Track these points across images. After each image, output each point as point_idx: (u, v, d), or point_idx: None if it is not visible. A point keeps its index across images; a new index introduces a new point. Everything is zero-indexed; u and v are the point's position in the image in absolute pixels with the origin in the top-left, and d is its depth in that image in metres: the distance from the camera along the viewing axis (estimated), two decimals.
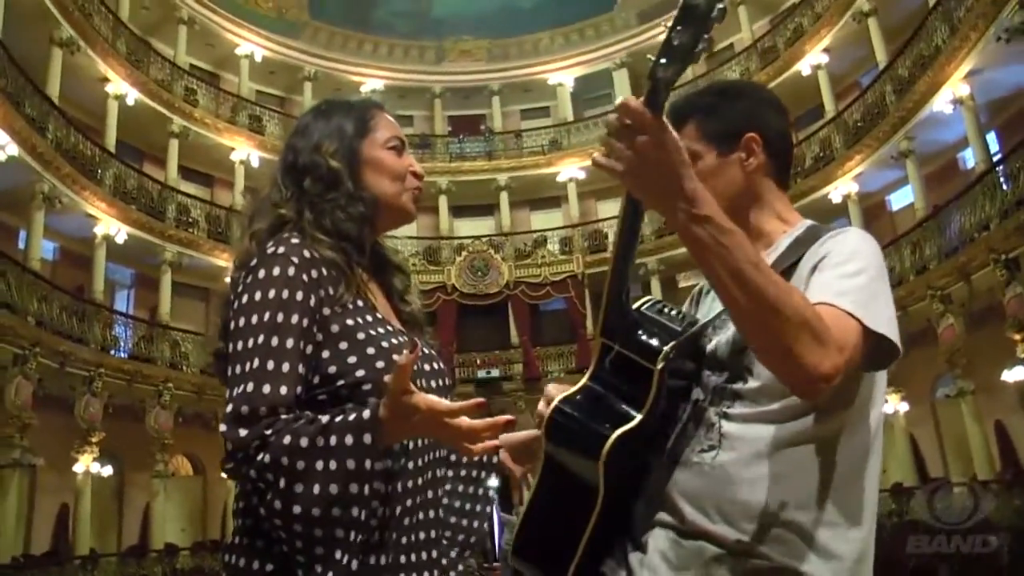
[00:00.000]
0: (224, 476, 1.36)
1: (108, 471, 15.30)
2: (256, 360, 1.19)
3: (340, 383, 1.24)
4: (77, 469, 14.16)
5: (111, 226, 16.32)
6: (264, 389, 1.17)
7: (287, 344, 1.20)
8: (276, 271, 1.24)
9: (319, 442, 1.13)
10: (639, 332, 1.31)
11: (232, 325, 1.24)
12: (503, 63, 24.49)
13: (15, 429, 12.60)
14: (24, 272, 13.65)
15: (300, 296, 1.23)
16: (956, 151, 16.11)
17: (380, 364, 1.25)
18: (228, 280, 1.38)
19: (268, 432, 1.14)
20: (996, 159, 13.92)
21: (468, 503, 1.54)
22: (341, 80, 23.15)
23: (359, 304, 1.32)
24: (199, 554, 16.13)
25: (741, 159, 1.40)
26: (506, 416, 1.27)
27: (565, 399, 1.30)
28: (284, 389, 1.18)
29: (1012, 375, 12.76)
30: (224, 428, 1.16)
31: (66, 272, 16.70)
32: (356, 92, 23.11)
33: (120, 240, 16.50)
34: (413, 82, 24.18)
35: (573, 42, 24.13)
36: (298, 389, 1.20)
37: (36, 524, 14.62)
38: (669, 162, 1.06)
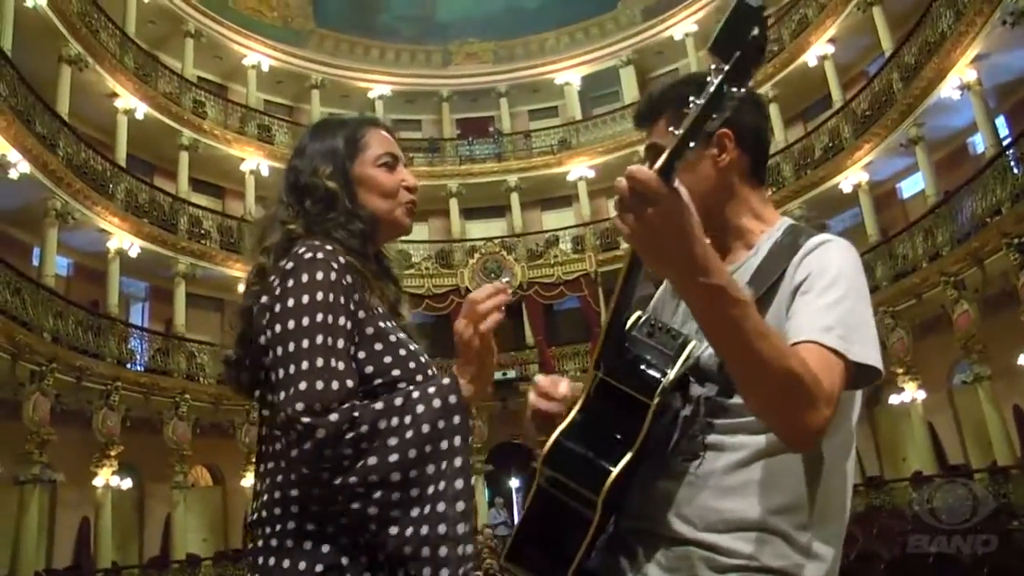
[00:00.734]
0: (246, 486, 1.41)
1: (128, 484, 15.39)
2: (318, 359, 1.26)
3: (378, 382, 1.34)
4: (97, 483, 14.27)
5: (124, 240, 16.45)
6: (333, 385, 1.25)
7: (339, 344, 1.29)
8: (320, 275, 1.31)
9: (407, 408, 1.28)
10: (634, 364, 1.31)
11: (278, 328, 1.30)
12: (509, 64, 24.50)
13: (34, 445, 12.73)
14: (39, 289, 13.78)
15: (343, 299, 1.32)
16: (965, 137, 15.99)
17: (412, 364, 1.38)
18: (242, 291, 1.45)
19: (356, 414, 1.24)
20: (1006, 143, 13.82)
21: None
22: (348, 87, 23.25)
23: (380, 310, 1.42)
24: (221, 564, 16.21)
25: (714, 155, 1.39)
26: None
27: (563, 431, 1.30)
28: (350, 382, 1.27)
29: None
30: (308, 420, 1.21)
31: (81, 287, 16.86)
32: (364, 98, 23.30)
33: (133, 254, 16.63)
34: (420, 86, 24.24)
35: (579, 41, 24.12)
36: (349, 383, 1.28)
37: (58, 539, 14.76)
38: (680, 232, 1.03)
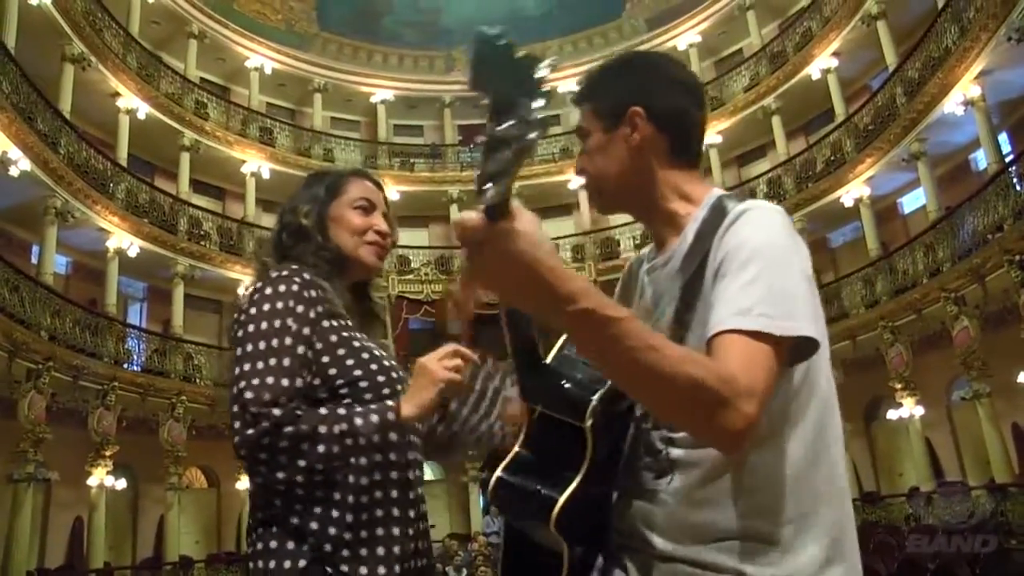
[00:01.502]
0: (241, 489, 1.54)
1: (122, 484, 15.34)
2: (271, 359, 1.42)
3: (340, 382, 1.49)
4: (91, 482, 14.19)
5: (123, 240, 16.41)
6: (283, 382, 1.41)
7: (286, 342, 1.45)
8: (282, 288, 1.50)
9: (348, 417, 1.44)
10: (559, 386, 1.28)
11: (240, 333, 1.47)
12: None
13: (29, 444, 12.66)
14: (37, 286, 13.74)
15: (300, 309, 1.48)
16: (968, 153, 16.01)
17: (374, 367, 1.53)
18: (241, 295, 1.63)
19: (299, 414, 1.40)
20: (1009, 160, 13.83)
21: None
22: (351, 91, 23.27)
23: (349, 323, 1.58)
24: (214, 566, 16.14)
25: (626, 135, 1.34)
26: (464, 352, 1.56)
27: (505, 467, 1.29)
28: (299, 381, 1.44)
29: None
30: (255, 409, 1.37)
31: (79, 286, 16.81)
32: (366, 102, 23.33)
33: (132, 254, 16.59)
34: (423, 92, 24.24)
35: (582, 50, 24.12)
36: (298, 382, 1.44)
37: (51, 538, 14.69)
38: (521, 266, 0.97)
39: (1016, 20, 12.29)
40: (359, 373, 1.51)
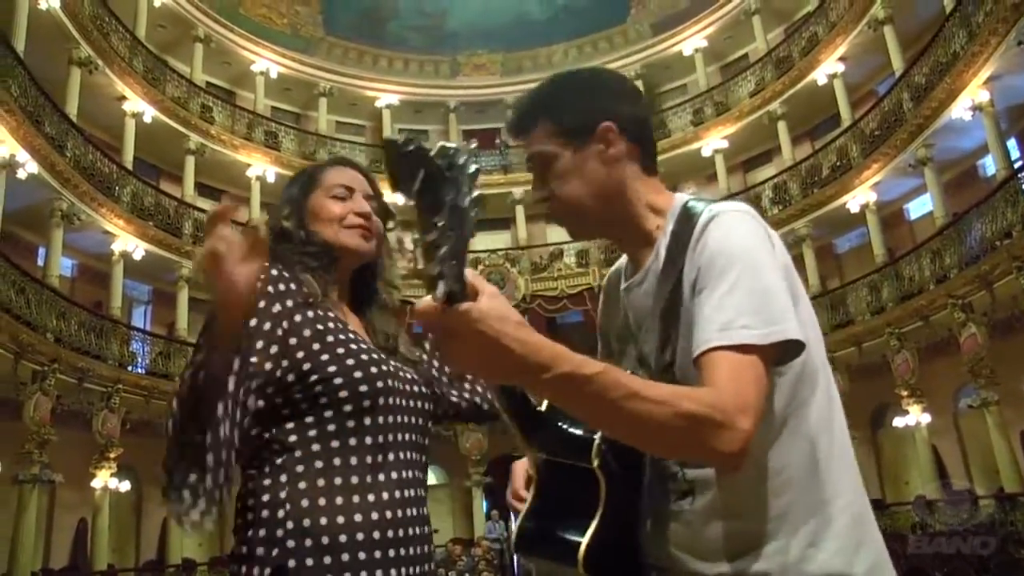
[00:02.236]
0: None
1: (126, 486, 15.32)
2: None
3: (314, 378, 1.40)
4: (95, 484, 14.20)
5: (128, 243, 16.43)
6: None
7: (257, 344, 1.37)
8: None
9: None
10: (560, 431, 1.29)
11: None
12: (517, 76, 24.49)
13: (34, 445, 12.67)
14: (43, 289, 13.76)
15: (263, 304, 1.40)
16: (976, 158, 15.97)
17: (350, 362, 1.44)
18: None
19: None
20: (1017, 166, 13.80)
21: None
22: (356, 95, 23.29)
23: (330, 315, 1.50)
24: (216, 569, 16.11)
25: (600, 151, 1.31)
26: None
27: (524, 518, 1.32)
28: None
29: None
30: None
31: (84, 289, 16.83)
32: (371, 107, 23.36)
33: (137, 257, 16.61)
34: (428, 96, 24.26)
35: (587, 54, 24.13)
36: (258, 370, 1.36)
37: (55, 539, 14.69)
38: (495, 346, 0.97)
39: None
40: (333, 369, 1.41)
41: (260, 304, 1.40)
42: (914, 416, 14.78)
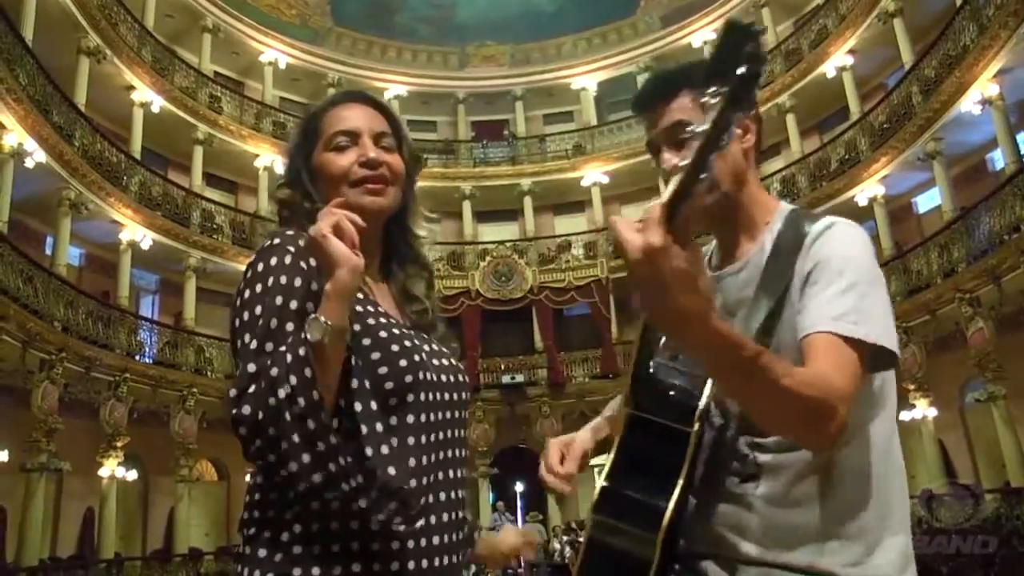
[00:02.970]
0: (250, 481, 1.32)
1: (133, 475, 15.42)
2: (260, 343, 1.18)
3: (358, 363, 1.22)
4: (102, 473, 14.29)
5: (136, 232, 16.48)
6: (272, 372, 1.13)
7: (287, 328, 1.18)
8: (274, 260, 1.24)
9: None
10: (663, 394, 1.30)
11: (236, 320, 1.23)
12: (526, 68, 24.48)
13: (42, 434, 12.73)
14: (51, 278, 13.81)
15: (299, 283, 1.22)
16: (985, 152, 15.86)
17: (375, 356, 1.24)
18: None
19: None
20: None
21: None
22: (364, 86, 23.17)
23: (359, 296, 1.29)
24: (223, 559, 16.20)
25: (739, 135, 1.34)
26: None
27: (607, 477, 1.30)
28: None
29: None
30: (233, 411, 1.13)
31: (92, 278, 16.90)
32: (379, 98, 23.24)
33: (145, 246, 16.67)
34: (436, 87, 24.24)
35: (596, 46, 24.08)
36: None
37: (62, 527, 14.79)
38: (705, 325, 0.96)
39: None
40: (384, 371, 1.24)
41: (296, 283, 1.22)
42: (920, 410, 14.74)
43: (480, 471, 19.09)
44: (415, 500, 1.21)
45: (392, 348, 1.25)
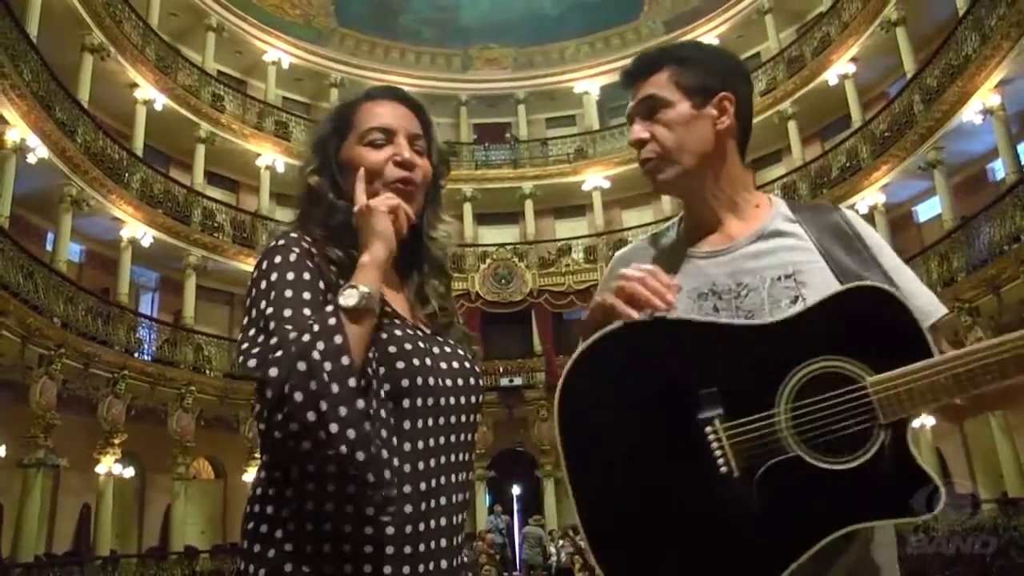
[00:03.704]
0: (248, 481, 1.27)
1: (130, 472, 15.41)
2: (272, 325, 1.15)
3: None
4: (99, 470, 14.29)
5: (137, 229, 16.50)
6: (304, 338, 1.11)
7: (304, 312, 1.16)
8: (278, 259, 1.22)
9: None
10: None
11: (245, 319, 1.21)
12: (529, 71, 24.52)
13: (40, 429, 12.74)
14: (51, 273, 13.82)
15: (308, 276, 1.21)
16: (985, 162, 15.87)
17: (400, 365, 1.22)
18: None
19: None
20: None
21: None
22: (367, 87, 23.14)
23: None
24: (219, 557, 16.19)
25: (713, 116, 1.37)
26: None
27: None
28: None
29: None
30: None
31: (92, 274, 16.91)
32: None
33: (146, 243, 16.68)
34: (439, 90, 24.21)
35: (599, 50, 24.12)
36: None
37: (58, 524, 14.79)
38: None
39: None
40: (383, 372, 1.20)
41: (305, 276, 1.20)
42: (918, 419, 14.72)
43: (477, 473, 19.07)
44: (410, 504, 1.19)
45: (390, 349, 1.21)
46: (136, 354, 15.82)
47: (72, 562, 13.62)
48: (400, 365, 1.22)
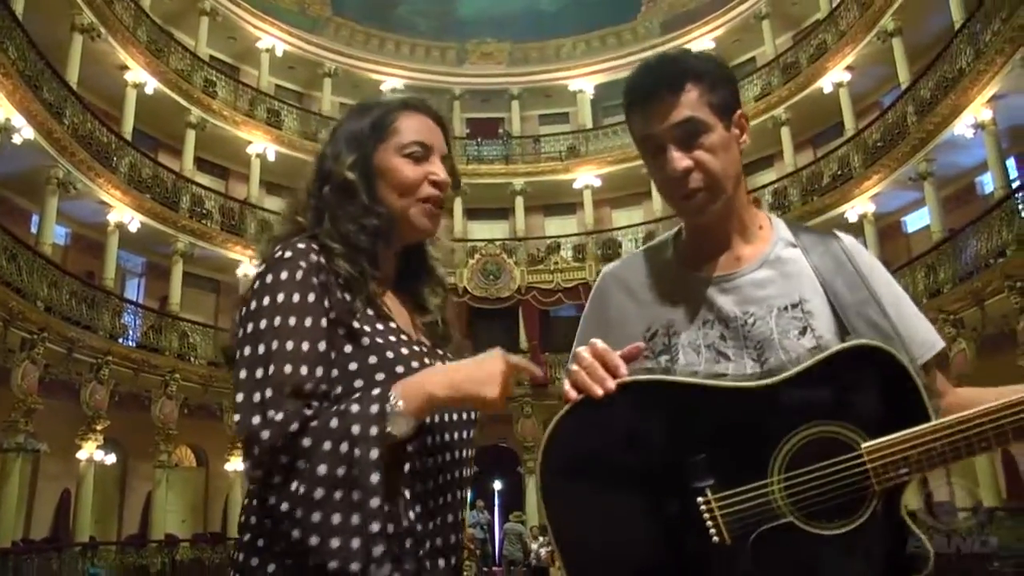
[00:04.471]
0: (230, 470, 1.24)
1: (111, 459, 15.34)
2: (272, 364, 1.12)
3: (339, 389, 1.17)
4: (80, 456, 14.20)
5: (124, 214, 16.36)
6: (285, 390, 1.10)
7: (303, 347, 1.14)
8: (284, 275, 1.18)
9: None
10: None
11: (240, 332, 1.18)
12: (524, 67, 24.46)
13: (20, 414, 12.64)
14: (35, 256, 13.69)
15: (312, 298, 1.18)
16: (975, 176, 15.97)
17: (379, 376, 1.19)
18: (240, 275, 1.32)
19: (309, 413, 1.09)
20: (1016, 185, 13.79)
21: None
22: (361, 77, 23.19)
23: (369, 313, 1.25)
24: (199, 546, 16.15)
25: (736, 136, 1.32)
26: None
27: None
28: (309, 386, 1.12)
29: None
30: (256, 421, 1.08)
31: (77, 258, 16.77)
32: (375, 90, 23.16)
33: (133, 228, 16.55)
34: (433, 82, 24.11)
35: (595, 49, 24.08)
36: (322, 386, 1.14)
37: (37, 509, 14.68)
38: None
39: None
40: (359, 383, 1.19)
41: (309, 298, 1.17)
42: None
43: None
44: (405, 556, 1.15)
45: (397, 370, 1.20)
46: (120, 340, 15.71)
47: (50, 548, 13.53)
48: (379, 377, 1.20)
